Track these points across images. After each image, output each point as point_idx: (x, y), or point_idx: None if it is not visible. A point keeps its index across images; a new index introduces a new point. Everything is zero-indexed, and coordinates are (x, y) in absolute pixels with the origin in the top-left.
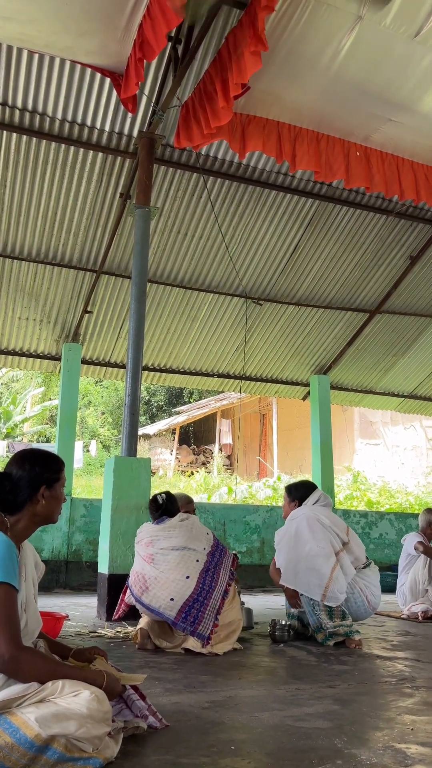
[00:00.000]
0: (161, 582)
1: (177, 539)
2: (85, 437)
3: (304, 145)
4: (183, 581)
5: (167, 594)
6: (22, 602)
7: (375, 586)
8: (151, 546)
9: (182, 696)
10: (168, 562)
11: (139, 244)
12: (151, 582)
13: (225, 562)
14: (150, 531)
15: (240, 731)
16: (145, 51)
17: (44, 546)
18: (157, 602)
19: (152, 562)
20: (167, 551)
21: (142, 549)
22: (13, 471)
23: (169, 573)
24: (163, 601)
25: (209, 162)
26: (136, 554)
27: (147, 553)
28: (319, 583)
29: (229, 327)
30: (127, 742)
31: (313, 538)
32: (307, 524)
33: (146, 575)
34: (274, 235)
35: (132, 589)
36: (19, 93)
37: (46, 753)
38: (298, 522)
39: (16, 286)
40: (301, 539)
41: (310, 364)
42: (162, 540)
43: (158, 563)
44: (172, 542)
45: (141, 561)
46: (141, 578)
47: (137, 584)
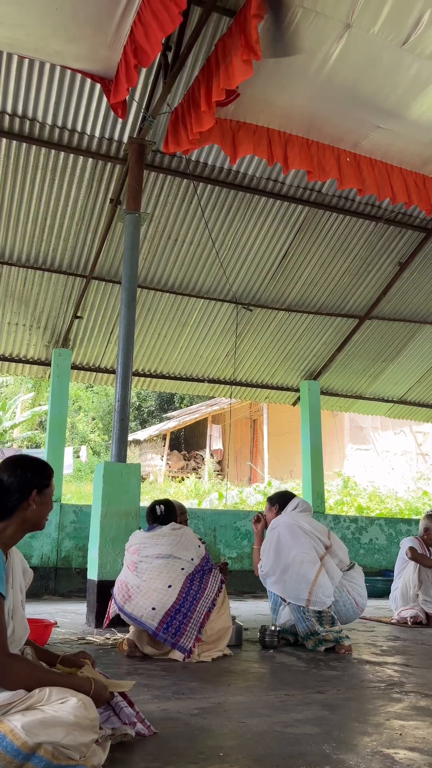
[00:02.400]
0: (143, 591)
1: (163, 547)
2: (76, 443)
3: (296, 148)
4: (165, 590)
5: (149, 603)
6: (9, 609)
7: (361, 587)
8: (137, 554)
9: (171, 703)
10: (151, 570)
11: (129, 250)
12: (134, 591)
13: (213, 576)
14: (139, 538)
15: (228, 738)
16: (140, 57)
17: (33, 552)
18: (138, 611)
19: (135, 570)
20: (152, 559)
21: (128, 557)
22: (4, 477)
23: (151, 582)
24: (144, 610)
25: (199, 168)
26: (125, 559)
27: (131, 561)
28: (304, 588)
29: (219, 332)
30: (114, 749)
31: (296, 544)
32: (288, 531)
33: (129, 584)
34: (264, 241)
35: (115, 598)
36: (9, 98)
37: (33, 761)
38: (279, 530)
39: (5, 291)
40: (284, 547)
41: (300, 370)
42: (149, 547)
43: (141, 571)
44: (158, 549)
45: (125, 569)
46: (124, 587)
47: (120, 593)
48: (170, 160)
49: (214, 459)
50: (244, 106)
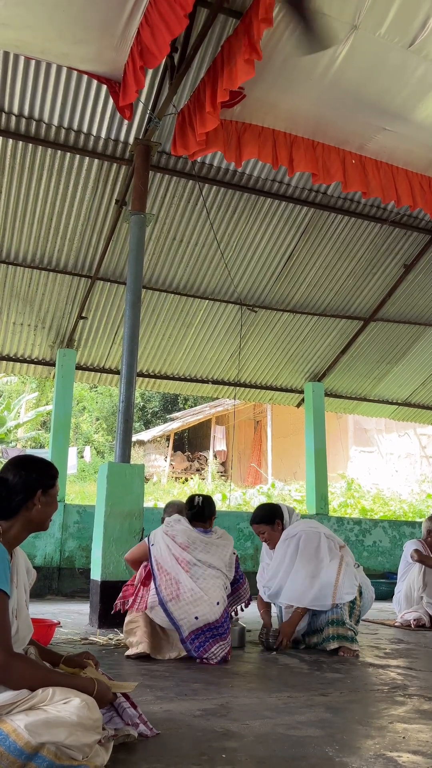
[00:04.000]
0: (196, 598)
1: (215, 558)
2: (80, 443)
3: (301, 150)
4: (213, 606)
5: (194, 611)
6: (13, 609)
7: (369, 583)
8: (188, 552)
9: (173, 704)
10: (206, 578)
11: (134, 251)
12: (185, 593)
13: (242, 592)
14: (188, 533)
15: (231, 739)
16: (147, 59)
17: (37, 552)
18: (180, 615)
19: (190, 572)
20: (205, 567)
21: (175, 548)
22: (9, 476)
23: (204, 592)
24: (187, 616)
25: (205, 169)
26: (164, 546)
27: (184, 559)
28: (328, 594)
29: (223, 334)
30: (117, 750)
31: (318, 552)
32: (308, 540)
33: (181, 583)
34: (269, 243)
35: (161, 591)
36: (16, 99)
37: (36, 761)
38: (300, 539)
39: (11, 291)
40: (305, 556)
41: (304, 372)
42: (201, 552)
43: (197, 576)
44: (210, 558)
45: (175, 563)
46: (174, 584)
47: (169, 588)
48: (176, 161)
49: (217, 460)
50: (250, 108)
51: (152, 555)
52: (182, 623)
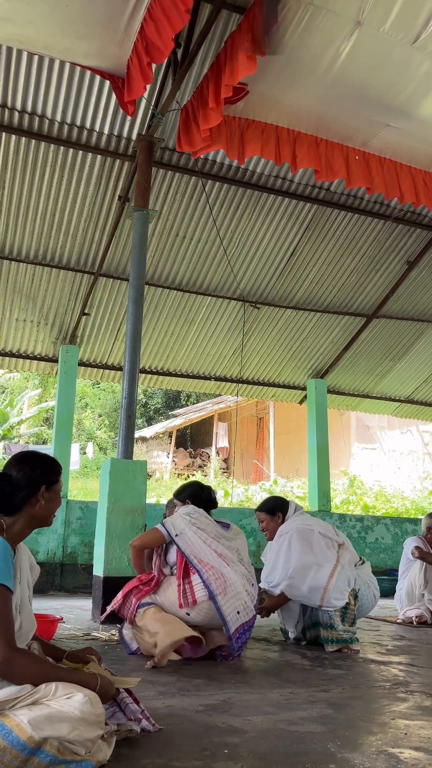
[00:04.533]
0: (237, 592)
1: (242, 553)
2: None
3: (304, 147)
4: (249, 603)
5: (236, 605)
6: (16, 604)
7: (374, 580)
8: (220, 544)
9: (176, 699)
10: (240, 573)
11: (136, 247)
12: (231, 586)
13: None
14: (212, 526)
15: (233, 735)
16: (153, 54)
17: (39, 548)
18: (228, 609)
19: (229, 566)
20: (236, 561)
21: (209, 539)
22: (13, 472)
23: (242, 585)
24: (232, 611)
25: (208, 166)
26: (195, 537)
27: (219, 551)
28: (316, 595)
29: (226, 330)
30: (120, 745)
31: (308, 550)
32: (299, 537)
33: (226, 576)
34: (272, 239)
35: (209, 583)
36: (19, 95)
37: (39, 755)
38: (291, 536)
39: (13, 287)
40: (296, 551)
41: (307, 368)
42: (227, 547)
43: (235, 568)
44: (236, 555)
45: (214, 555)
46: (221, 576)
47: (218, 581)
48: (178, 157)
49: (220, 457)
50: (253, 104)
51: (181, 546)
52: (228, 618)
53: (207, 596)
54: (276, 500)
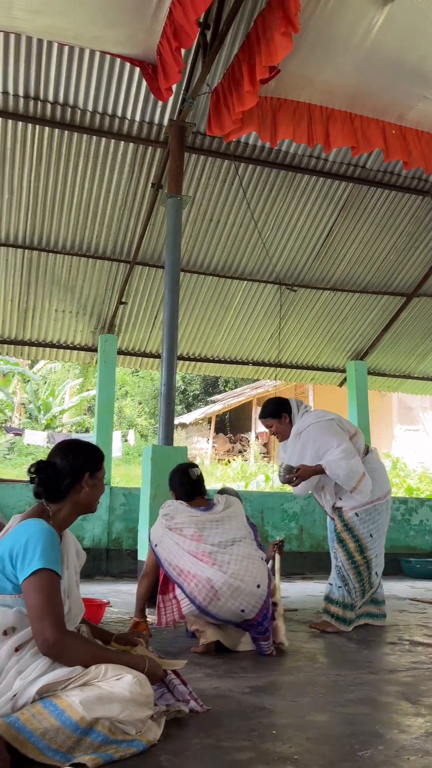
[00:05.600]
0: (234, 589)
1: (234, 531)
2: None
3: (338, 124)
4: (254, 591)
5: (237, 605)
6: (64, 589)
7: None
8: (203, 541)
9: (222, 681)
10: (235, 562)
11: (171, 234)
12: (222, 591)
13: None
14: (194, 518)
15: (281, 716)
16: (181, 38)
17: (85, 534)
18: (225, 614)
19: (215, 564)
20: (227, 547)
21: (187, 543)
22: (57, 460)
23: (238, 579)
24: (231, 613)
25: (240, 148)
26: (173, 544)
27: (203, 552)
28: (354, 477)
29: (263, 314)
30: (169, 725)
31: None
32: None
33: (213, 581)
34: (308, 220)
35: (194, 599)
36: (50, 86)
37: (91, 735)
38: (313, 430)
39: (52, 279)
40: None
41: (346, 350)
42: (215, 533)
43: (223, 564)
44: (228, 534)
45: (194, 560)
46: (207, 586)
47: (202, 592)
48: (210, 141)
49: (259, 441)
50: (285, 83)
51: (160, 557)
52: (231, 619)
53: (195, 610)
54: (275, 402)
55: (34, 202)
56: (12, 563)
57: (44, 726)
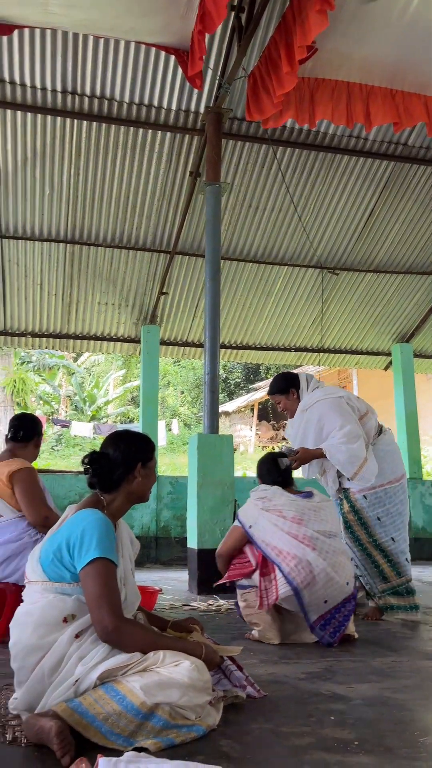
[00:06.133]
0: (328, 579)
1: (331, 524)
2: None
3: (378, 101)
4: (343, 587)
5: (323, 595)
6: (120, 577)
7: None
8: (304, 525)
9: (278, 667)
10: (332, 554)
11: (210, 222)
12: (319, 575)
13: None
14: (293, 503)
15: (338, 702)
16: (206, 23)
17: (134, 523)
18: (311, 601)
19: (316, 550)
20: (325, 537)
21: (288, 524)
22: (110, 451)
23: (334, 570)
24: (317, 601)
25: (278, 132)
26: (271, 525)
27: (304, 535)
28: (357, 459)
29: (304, 299)
30: (227, 710)
31: (350, 416)
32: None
33: (313, 565)
34: (348, 202)
35: (291, 578)
36: (87, 80)
37: (152, 720)
38: (320, 408)
39: (94, 272)
40: (331, 420)
41: (391, 333)
42: (314, 521)
43: (324, 553)
44: (325, 526)
45: (295, 542)
46: (307, 567)
47: (302, 573)
48: (247, 126)
49: None
50: (322, 62)
51: (255, 538)
52: (309, 608)
53: (291, 592)
54: (283, 377)
55: (74, 196)
56: (69, 553)
57: (106, 711)
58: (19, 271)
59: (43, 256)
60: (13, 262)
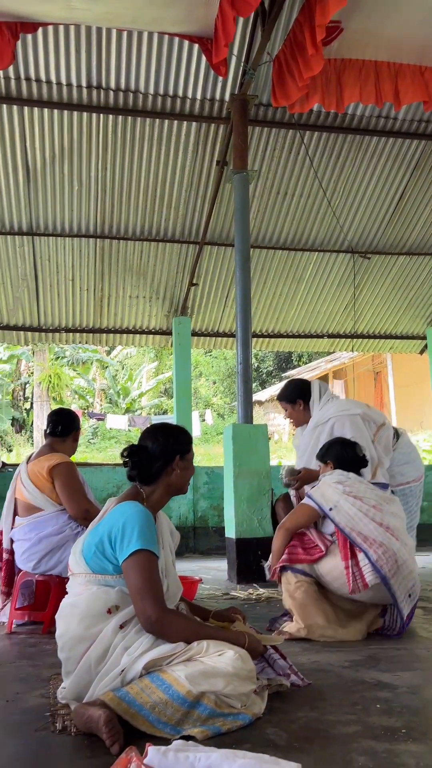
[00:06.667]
0: (410, 570)
1: (402, 518)
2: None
3: (407, 79)
4: (417, 581)
5: (407, 586)
6: (162, 568)
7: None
8: (384, 513)
9: (321, 655)
10: (410, 549)
11: (239, 210)
12: (403, 568)
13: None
14: (373, 492)
15: (384, 690)
16: (240, 7)
17: (172, 513)
18: (400, 592)
19: (399, 540)
20: (404, 531)
21: (372, 512)
22: (148, 443)
23: (414, 563)
24: (404, 591)
25: (304, 116)
26: (355, 510)
27: (387, 524)
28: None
29: (336, 285)
30: (272, 699)
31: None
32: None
33: (397, 554)
34: (379, 184)
35: (381, 568)
36: (112, 74)
37: (198, 708)
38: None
39: (124, 265)
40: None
41: (425, 316)
42: (389, 514)
43: (404, 542)
44: (400, 523)
45: (381, 530)
46: (393, 557)
47: (389, 562)
48: (273, 112)
49: None
50: (348, 42)
51: (338, 521)
52: (401, 603)
53: (378, 579)
54: (295, 385)
55: (103, 191)
56: (111, 545)
57: (153, 699)
58: (51, 268)
59: (74, 252)
60: (45, 258)
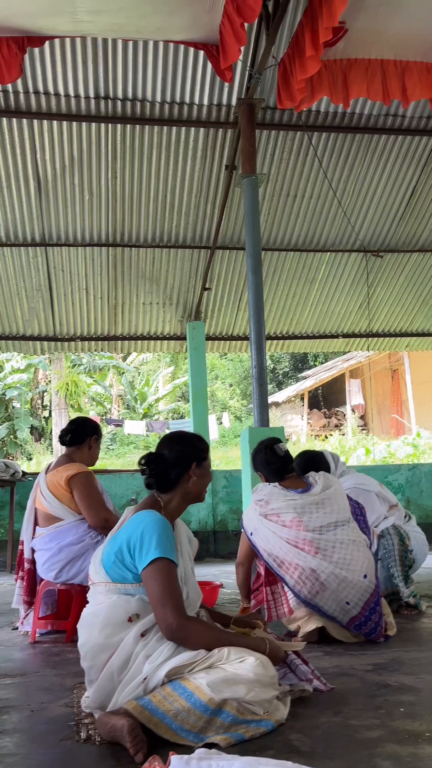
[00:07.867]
0: (340, 580)
1: (336, 513)
2: (217, 410)
3: (414, 77)
4: (360, 582)
5: (342, 598)
6: (181, 576)
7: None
8: (303, 528)
9: (343, 659)
10: (339, 550)
11: (249, 214)
12: (328, 580)
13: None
14: (291, 503)
15: (408, 693)
16: (245, 13)
17: (191, 518)
18: (330, 607)
19: (320, 552)
20: (328, 530)
21: (286, 532)
22: (165, 452)
23: (344, 568)
24: (336, 606)
25: (312, 117)
26: (269, 533)
27: (305, 540)
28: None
29: (349, 284)
30: (295, 704)
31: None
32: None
33: (318, 573)
34: (389, 182)
35: (299, 593)
36: (119, 83)
37: (220, 716)
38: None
39: (137, 272)
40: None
41: None
42: (315, 517)
43: (328, 553)
44: (330, 517)
45: (295, 551)
46: (312, 577)
47: (308, 584)
48: (281, 114)
49: (356, 414)
50: (353, 42)
51: (258, 547)
52: (334, 614)
53: (301, 603)
54: (309, 457)
55: (113, 199)
56: (130, 554)
57: (176, 707)
58: (65, 278)
59: (87, 260)
60: (58, 268)
